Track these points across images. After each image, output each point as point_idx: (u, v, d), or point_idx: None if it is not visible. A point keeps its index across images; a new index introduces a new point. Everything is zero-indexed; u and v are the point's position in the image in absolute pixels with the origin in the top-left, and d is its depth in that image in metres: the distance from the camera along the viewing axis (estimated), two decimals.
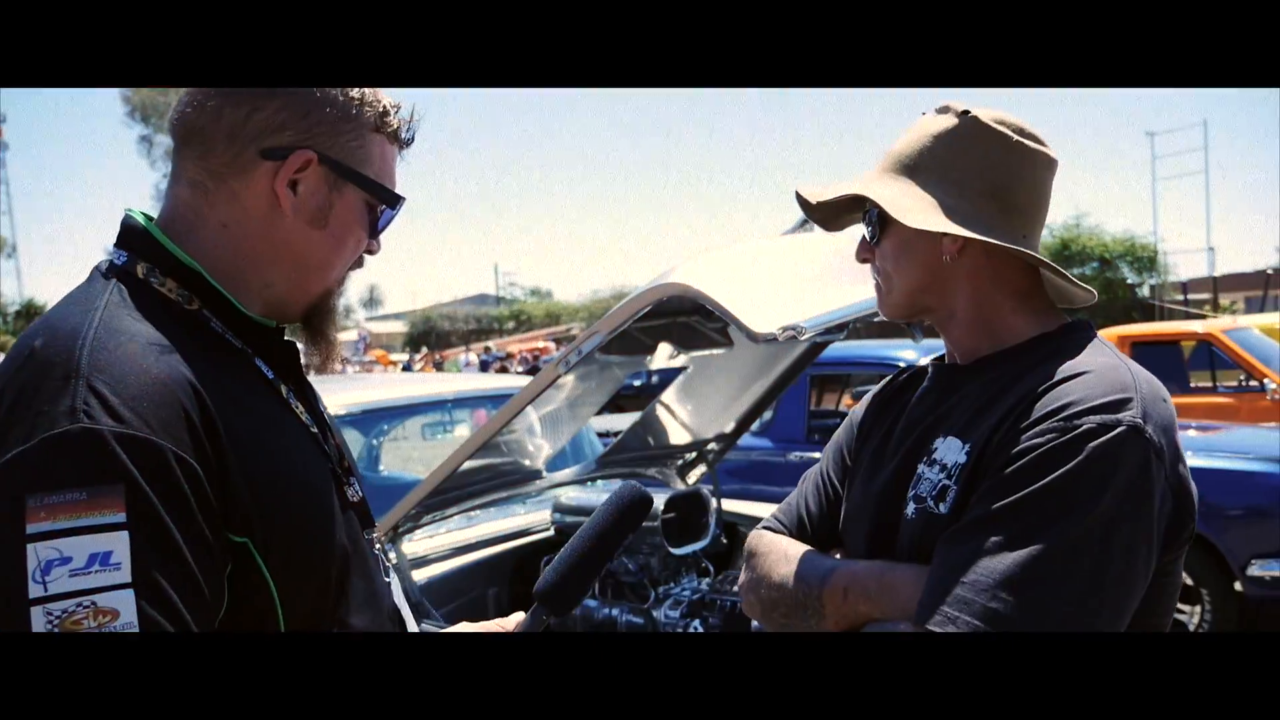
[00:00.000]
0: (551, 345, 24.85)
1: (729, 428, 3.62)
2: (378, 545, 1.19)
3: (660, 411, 3.47)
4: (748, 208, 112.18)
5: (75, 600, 0.83)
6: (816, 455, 6.00)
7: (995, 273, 1.24)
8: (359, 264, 1.17)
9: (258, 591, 0.97)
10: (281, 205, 1.05)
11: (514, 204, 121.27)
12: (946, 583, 1.06)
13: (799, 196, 1.34)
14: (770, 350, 3.20)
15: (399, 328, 48.58)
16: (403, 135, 1.14)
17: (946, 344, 1.32)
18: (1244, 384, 8.06)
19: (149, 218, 1.08)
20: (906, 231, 1.22)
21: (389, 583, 1.20)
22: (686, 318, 2.81)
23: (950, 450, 1.18)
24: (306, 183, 1.06)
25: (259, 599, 0.97)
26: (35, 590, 0.82)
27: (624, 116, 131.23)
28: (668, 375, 3.49)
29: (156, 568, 0.85)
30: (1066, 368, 1.14)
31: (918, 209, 1.21)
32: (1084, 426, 1.06)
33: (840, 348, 5.55)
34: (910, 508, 1.20)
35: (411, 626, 1.24)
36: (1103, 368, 1.13)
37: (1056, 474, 1.05)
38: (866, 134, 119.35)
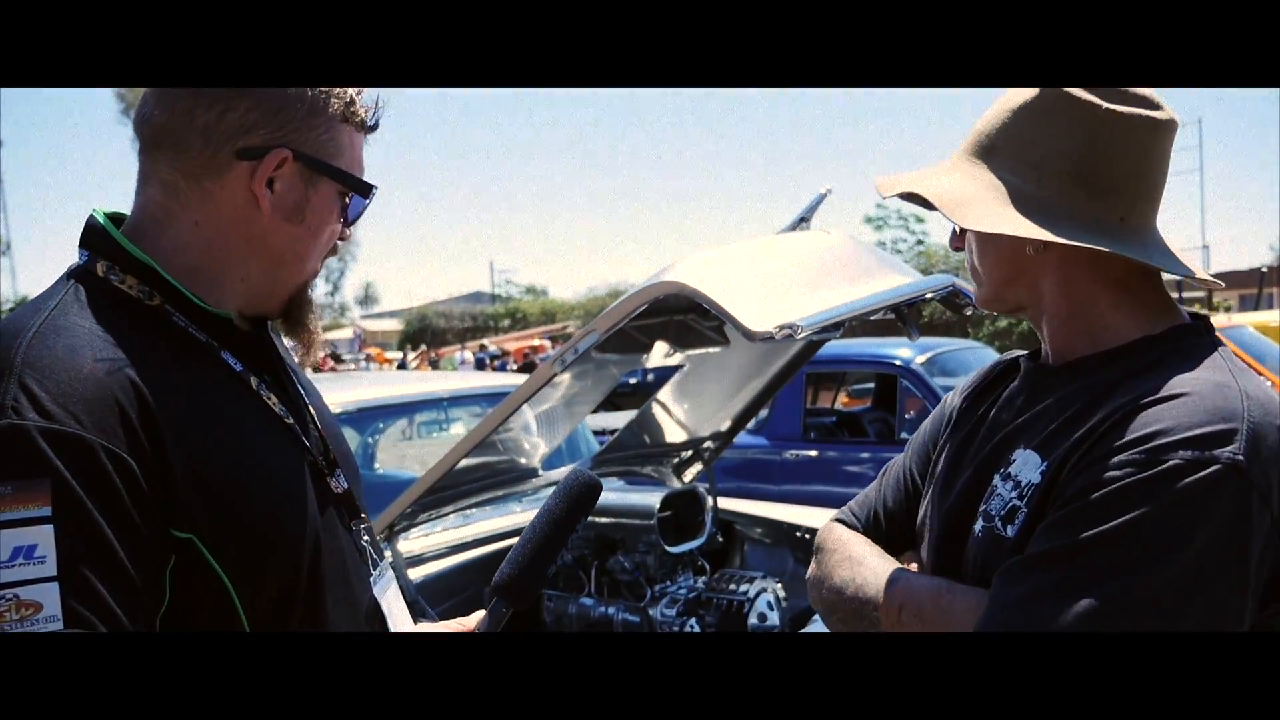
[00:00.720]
0: (547, 344, 24.78)
1: (725, 426, 3.63)
2: (365, 538, 1.18)
3: (656, 410, 3.47)
4: (746, 207, 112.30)
5: None
6: (812, 453, 5.98)
7: (1091, 262, 1.08)
8: (333, 252, 1.17)
9: (210, 587, 0.96)
10: (260, 204, 1.06)
11: (509, 201, 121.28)
12: (993, 627, 0.96)
13: (890, 192, 1.20)
14: (766, 349, 3.21)
15: (394, 325, 48.51)
16: (368, 122, 1.14)
17: (1042, 341, 1.18)
18: None
19: (112, 216, 1.08)
20: None
21: (375, 576, 1.19)
22: (683, 316, 2.81)
23: (1027, 466, 1.05)
24: (283, 180, 1.07)
25: (212, 594, 0.96)
26: None
27: (620, 115, 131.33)
28: (664, 373, 3.50)
29: (83, 562, 0.85)
30: (1164, 385, 0.98)
31: (979, 202, 1.08)
32: (1171, 462, 0.91)
33: (836, 346, 5.56)
34: (979, 524, 1.09)
35: (405, 621, 1.24)
36: (1207, 388, 0.97)
37: (1131, 515, 0.91)
38: (868, 134, 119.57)
